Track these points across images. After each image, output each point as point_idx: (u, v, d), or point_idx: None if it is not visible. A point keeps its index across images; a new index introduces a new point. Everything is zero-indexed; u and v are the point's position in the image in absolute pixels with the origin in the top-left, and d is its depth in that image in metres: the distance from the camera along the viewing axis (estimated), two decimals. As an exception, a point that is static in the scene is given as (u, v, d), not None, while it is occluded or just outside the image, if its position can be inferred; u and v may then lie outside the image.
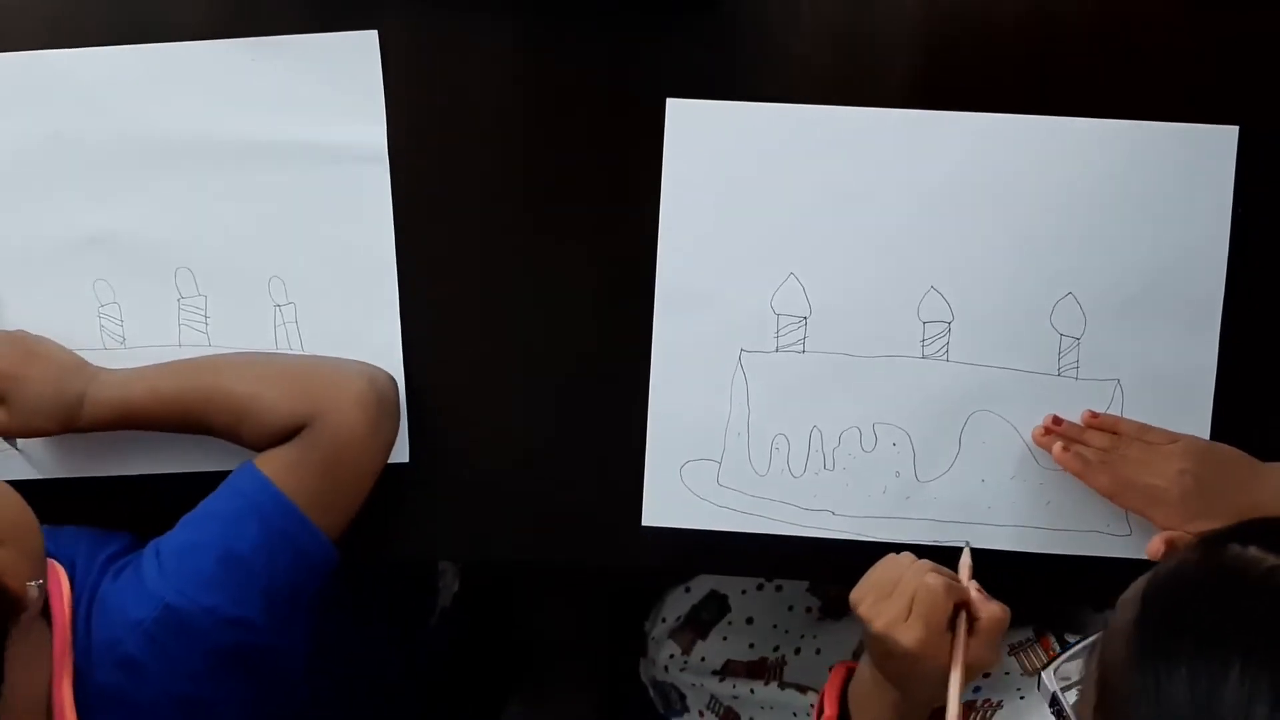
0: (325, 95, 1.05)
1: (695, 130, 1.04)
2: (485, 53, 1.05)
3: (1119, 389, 1.04)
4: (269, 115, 1.05)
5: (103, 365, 1.05)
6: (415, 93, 1.05)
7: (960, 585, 0.91)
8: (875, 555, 1.04)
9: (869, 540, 1.06)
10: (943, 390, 1.04)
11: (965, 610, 0.90)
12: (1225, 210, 1.02)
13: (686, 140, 1.04)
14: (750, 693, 1.22)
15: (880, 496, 1.06)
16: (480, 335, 1.08)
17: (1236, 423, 1.02)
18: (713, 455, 1.07)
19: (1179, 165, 1.02)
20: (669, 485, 1.07)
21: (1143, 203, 1.02)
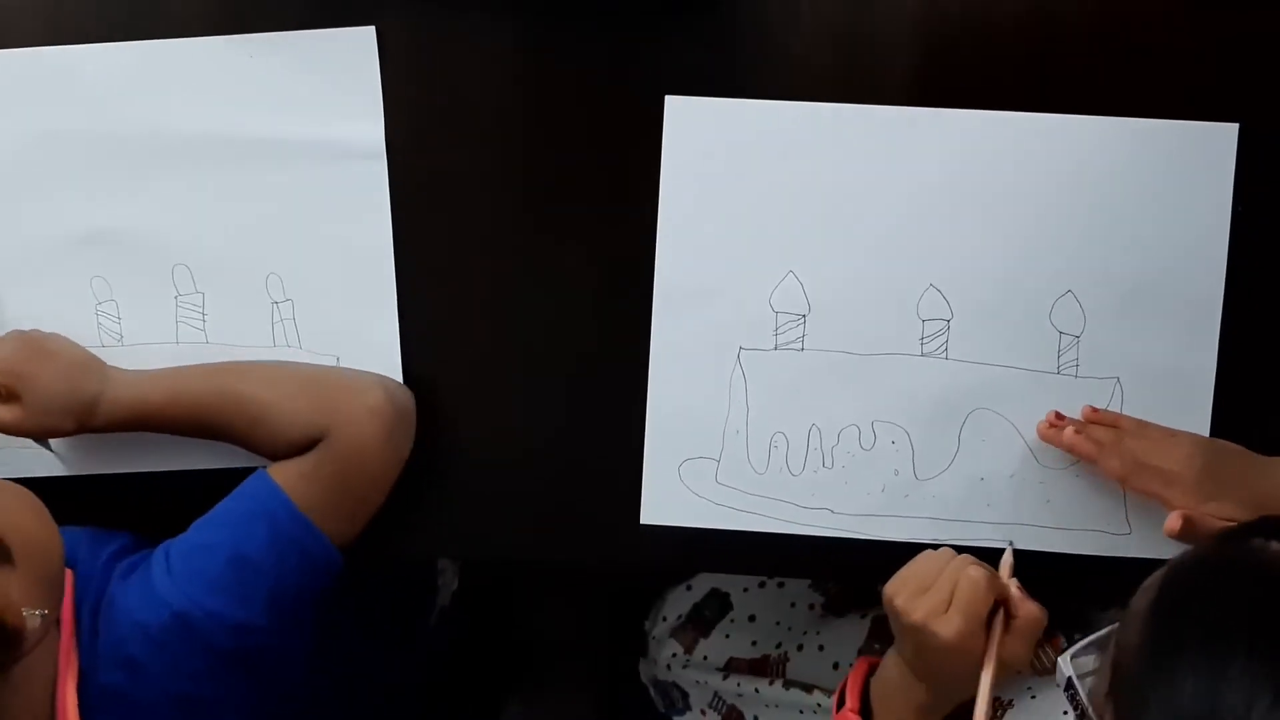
0: (323, 92, 1.05)
1: (694, 127, 1.03)
2: (484, 51, 1.05)
3: (1118, 387, 1.03)
4: (267, 112, 1.05)
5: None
6: (414, 89, 1.05)
7: (1001, 581, 0.92)
8: (874, 553, 1.05)
9: (868, 538, 1.06)
10: (942, 388, 1.04)
11: (1004, 607, 0.91)
12: (1225, 208, 1.01)
13: (685, 137, 1.04)
14: (755, 691, 1.22)
15: (879, 494, 1.05)
16: (478, 333, 1.08)
17: (1236, 420, 1.02)
18: (711, 453, 1.06)
19: (1179, 163, 1.01)
20: (667, 483, 1.06)
21: (1142, 200, 1.02)
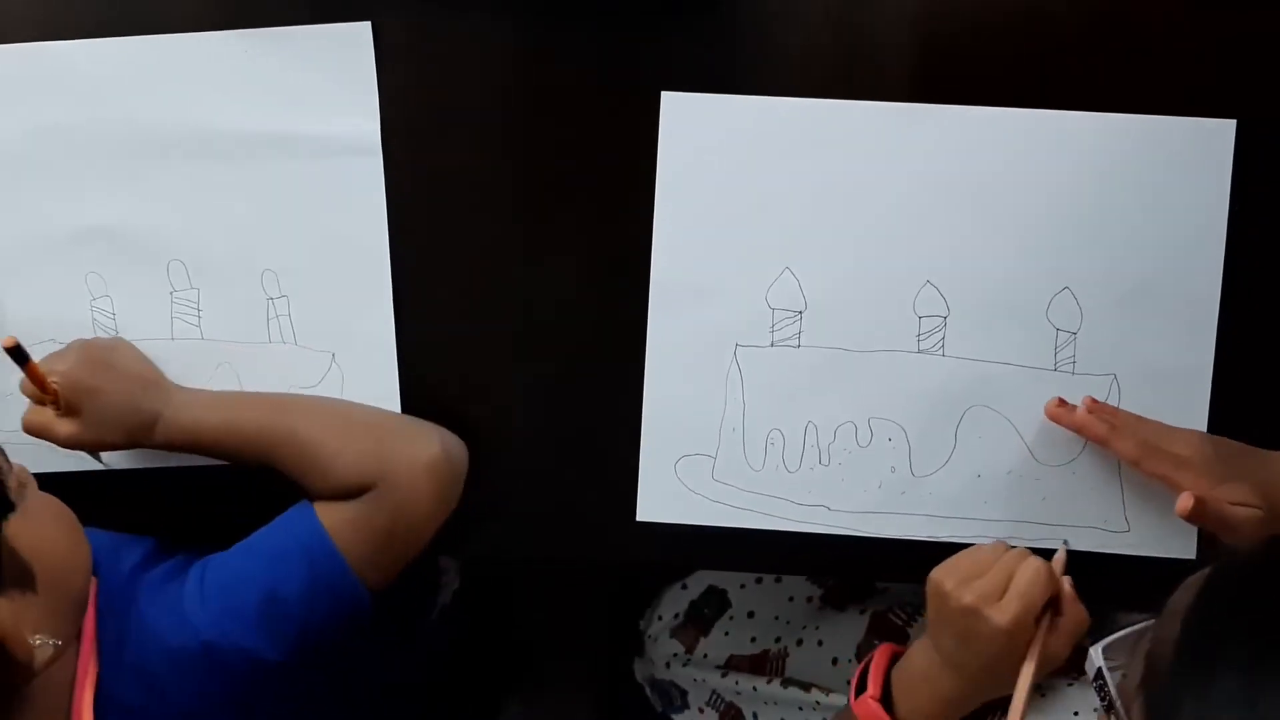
0: (319, 87, 1.05)
1: (690, 123, 1.03)
2: (481, 47, 1.05)
3: (1116, 384, 1.03)
4: (262, 107, 1.05)
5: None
6: (409, 85, 1.05)
7: (1058, 576, 0.93)
8: (870, 549, 1.05)
9: (864, 535, 1.05)
10: (939, 385, 1.04)
11: (1053, 604, 0.92)
12: (1223, 204, 1.01)
13: (681, 133, 1.03)
14: (753, 689, 1.22)
15: (876, 491, 1.05)
16: (473, 329, 1.07)
17: (1234, 417, 1.02)
18: (707, 450, 1.06)
19: (1176, 159, 1.01)
20: (663, 480, 1.06)
21: (1140, 196, 1.02)
